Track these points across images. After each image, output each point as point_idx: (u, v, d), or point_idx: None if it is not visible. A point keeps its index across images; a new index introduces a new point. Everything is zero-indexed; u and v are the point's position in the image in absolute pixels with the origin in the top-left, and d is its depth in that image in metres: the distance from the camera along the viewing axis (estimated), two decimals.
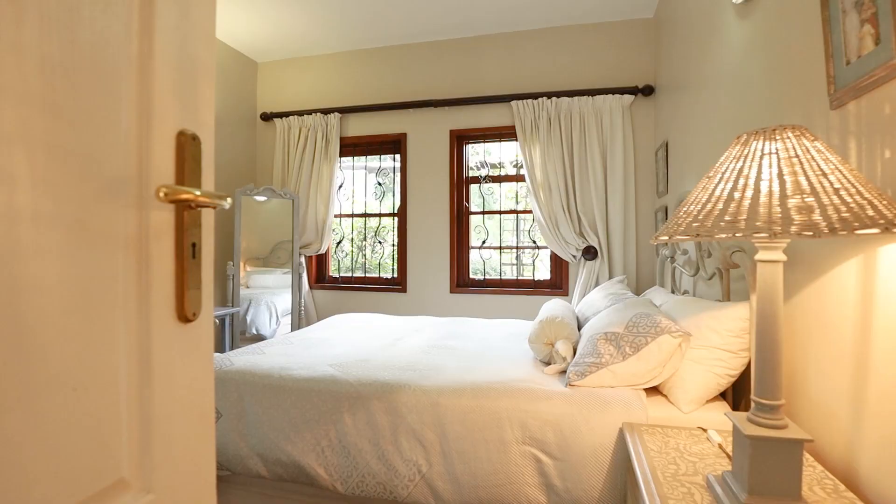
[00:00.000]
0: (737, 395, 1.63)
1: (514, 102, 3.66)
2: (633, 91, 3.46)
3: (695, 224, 0.79)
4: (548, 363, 1.87)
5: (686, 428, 1.30)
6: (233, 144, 4.16)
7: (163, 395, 0.61)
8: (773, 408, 0.86)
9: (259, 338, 4.02)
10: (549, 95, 3.59)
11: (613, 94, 3.49)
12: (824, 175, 0.73)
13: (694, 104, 2.41)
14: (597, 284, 3.52)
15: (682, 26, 2.64)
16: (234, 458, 1.67)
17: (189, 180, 0.65)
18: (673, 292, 2.49)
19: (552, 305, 2.23)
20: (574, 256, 3.59)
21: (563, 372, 1.73)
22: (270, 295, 4.08)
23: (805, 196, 0.72)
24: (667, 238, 0.85)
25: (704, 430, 1.27)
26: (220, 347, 3.95)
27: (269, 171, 4.38)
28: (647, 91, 3.45)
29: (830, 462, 1.08)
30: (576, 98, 3.55)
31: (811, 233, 0.68)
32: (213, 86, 0.71)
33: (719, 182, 0.81)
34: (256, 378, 1.73)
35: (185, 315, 0.64)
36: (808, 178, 0.74)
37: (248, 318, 4.05)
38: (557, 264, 3.76)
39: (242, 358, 1.94)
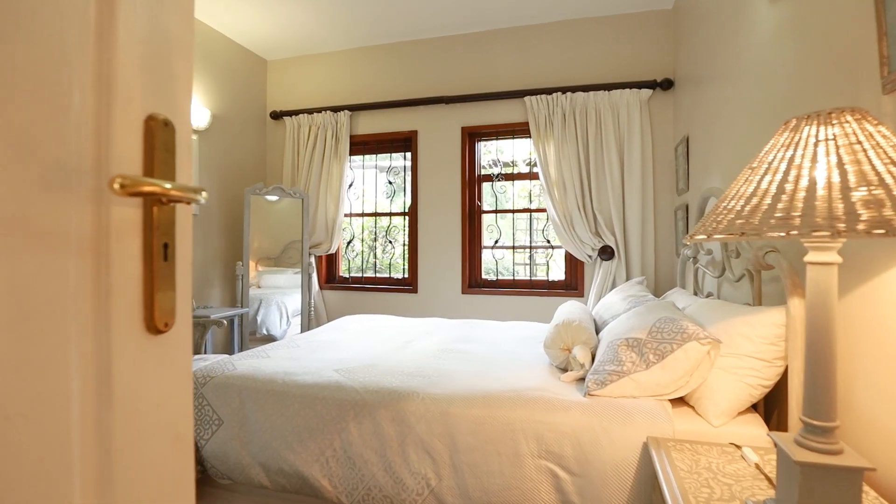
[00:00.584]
0: (769, 406, 1.52)
1: (527, 98, 3.55)
2: (651, 85, 3.33)
3: (738, 221, 0.69)
4: (564, 370, 1.77)
5: (717, 444, 1.19)
6: (243, 143, 4.12)
7: (127, 418, 0.53)
8: (826, 430, 0.75)
9: (269, 338, 3.98)
10: (563, 90, 3.48)
11: (630, 88, 3.37)
12: (894, 164, 0.63)
13: (717, 96, 2.29)
14: (613, 285, 3.41)
15: (705, 16, 2.52)
16: (235, 467, 1.60)
17: (160, 171, 0.57)
18: (695, 294, 2.37)
19: (568, 308, 2.12)
20: (590, 256, 3.47)
21: (582, 380, 1.63)
22: (281, 295, 4.04)
23: (873, 188, 0.61)
24: (704, 237, 0.75)
25: (738, 448, 1.16)
26: (228, 349, 3.91)
27: (279, 170, 4.34)
28: (666, 85, 3.33)
29: (886, 489, 0.97)
30: (591, 93, 3.43)
31: (883, 230, 0.58)
32: (191, 67, 0.63)
33: (766, 173, 0.71)
34: (259, 384, 1.65)
35: (154, 325, 0.56)
36: (874, 168, 0.63)
37: (259, 319, 4.01)
38: (572, 264, 3.65)
39: (246, 362, 1.87)
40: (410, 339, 2.36)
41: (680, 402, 1.49)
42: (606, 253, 3.41)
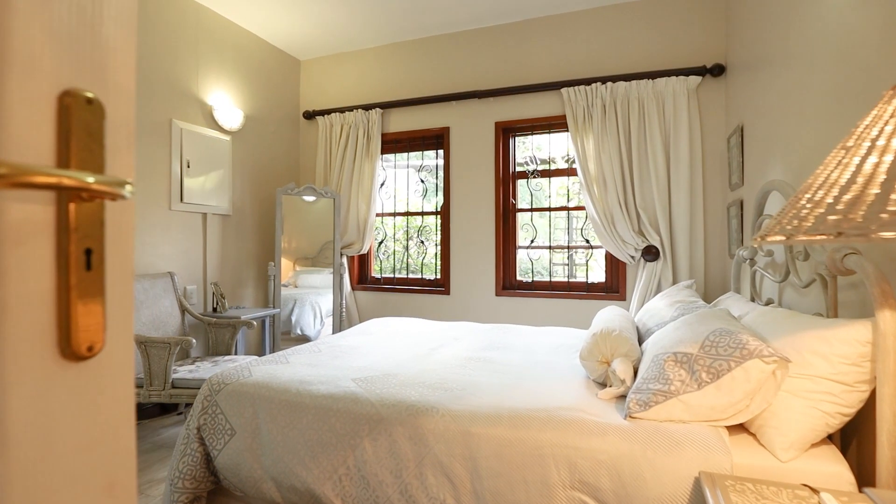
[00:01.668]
0: (846, 436, 1.30)
1: (564, 90, 3.36)
2: (700, 71, 3.07)
3: (832, 218, 0.52)
4: (603, 384, 1.59)
5: (787, 485, 1.00)
6: (276, 144, 4.12)
7: (29, 467, 0.42)
8: None
9: (304, 338, 3.97)
10: (603, 80, 3.27)
11: (677, 75, 3.11)
12: None
13: (780, 79, 2.04)
14: (658, 289, 3.17)
15: None
16: (247, 480, 1.52)
17: (80, 159, 0.46)
18: (752, 300, 2.13)
19: (608, 315, 1.94)
20: (632, 257, 3.24)
21: (622, 398, 1.46)
22: (315, 295, 4.02)
23: None
24: (782, 238, 0.58)
25: (815, 492, 0.96)
26: (260, 349, 3.91)
27: (312, 170, 4.32)
28: (717, 71, 3.06)
29: None
30: (634, 82, 3.20)
31: None
32: (133, 35, 0.52)
33: (869, 153, 0.53)
34: (273, 392, 1.57)
35: (73, 350, 0.45)
36: None
37: (294, 319, 4.01)
38: (614, 266, 3.43)
39: (263, 368, 1.79)
40: (436, 346, 2.23)
41: (739, 429, 1.28)
42: (651, 253, 3.17)
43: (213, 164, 3.49)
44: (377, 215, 4.12)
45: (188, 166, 3.28)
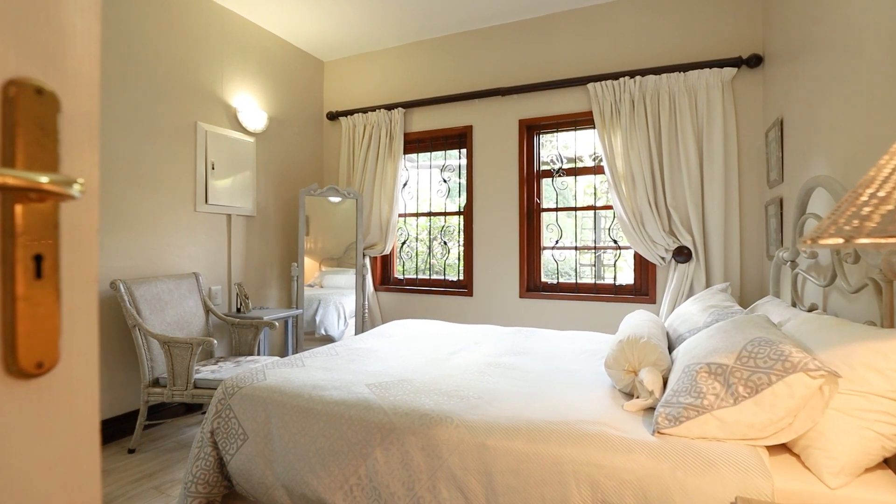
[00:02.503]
0: None
1: (590, 85, 3.24)
2: (736, 63, 2.91)
3: None
4: (629, 395, 1.50)
5: None
6: (301, 145, 4.13)
7: None
8: None
9: (328, 339, 3.97)
10: (631, 74, 3.14)
11: (710, 67, 2.96)
12: None
13: (822, 69, 1.90)
14: (691, 292, 3.02)
15: None
16: (259, 487, 1.49)
17: (28, 157, 0.41)
18: (794, 306, 1.98)
19: (636, 320, 1.83)
20: (663, 258, 3.10)
21: (650, 410, 1.36)
22: (339, 296, 4.02)
23: None
24: (839, 241, 0.49)
25: None
26: (282, 351, 3.93)
27: (336, 171, 4.31)
28: (754, 61, 2.89)
29: None
30: (664, 75, 3.06)
31: None
32: (97, 21, 0.48)
33: None
34: (285, 397, 1.53)
35: (20, 366, 0.41)
36: None
37: (318, 319, 4.01)
38: (643, 267, 3.29)
39: (278, 371, 1.77)
40: (455, 350, 2.16)
41: (780, 449, 1.17)
42: (682, 255, 3.03)
43: (238, 166, 3.52)
44: (400, 216, 4.09)
45: (213, 168, 3.31)
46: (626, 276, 3.45)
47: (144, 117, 2.88)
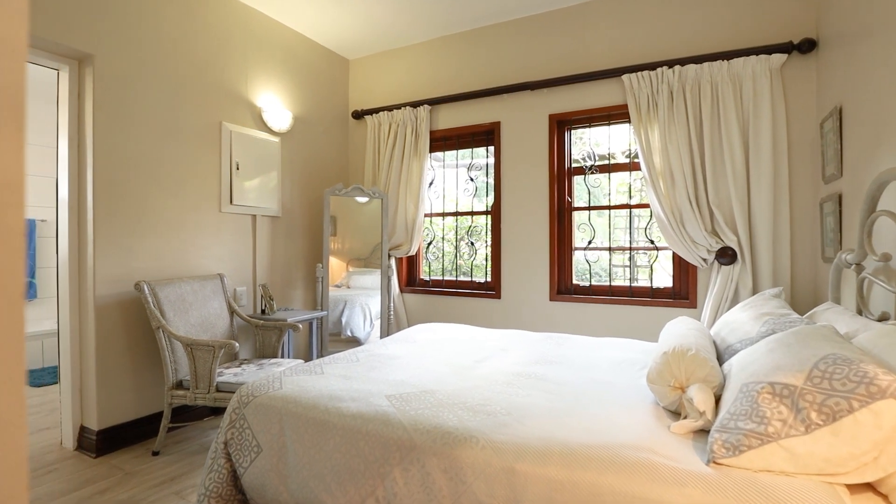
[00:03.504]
0: None
1: (625, 76, 3.07)
2: (786, 48, 2.69)
3: None
4: (676, 413, 1.35)
5: None
6: (326, 145, 4.09)
7: None
8: None
9: (353, 340, 3.92)
10: (670, 64, 2.95)
11: (757, 54, 2.75)
12: None
13: (889, 51, 1.69)
14: (736, 296, 2.82)
15: None
16: (272, 503, 1.41)
17: None
18: (860, 314, 1.78)
19: (680, 328, 1.67)
20: (704, 260, 2.91)
21: (703, 433, 1.21)
22: (366, 296, 3.97)
23: None
24: None
25: None
26: (307, 352, 3.88)
27: (361, 171, 4.25)
28: (806, 46, 2.66)
29: None
30: (706, 64, 2.86)
31: None
32: None
33: None
34: (300, 408, 1.45)
35: None
36: None
37: (344, 320, 3.97)
38: (683, 269, 3.10)
39: (295, 379, 1.68)
40: (482, 358, 2.04)
41: (864, 488, 1.00)
42: (726, 256, 2.83)
43: (263, 166, 3.49)
44: (426, 215, 3.99)
45: (238, 168, 3.28)
46: (664, 279, 3.26)
47: (169, 118, 2.87)
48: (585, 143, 3.48)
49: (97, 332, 2.55)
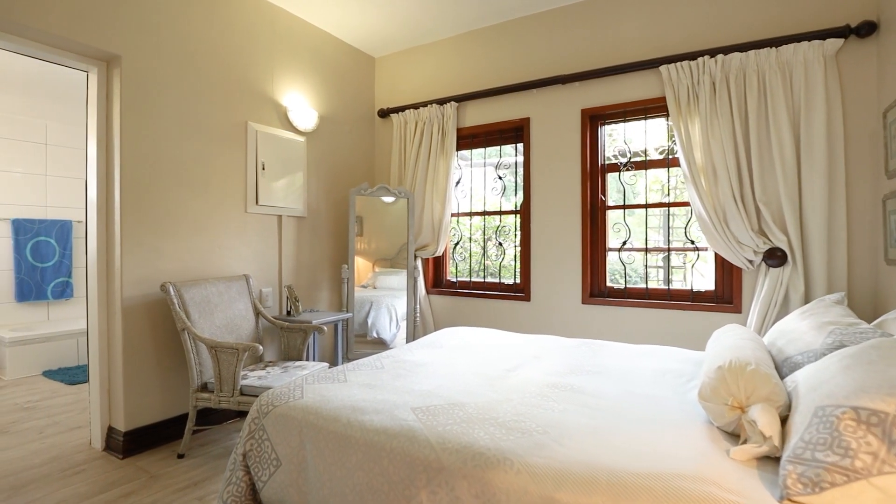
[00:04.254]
0: None
1: (663, 67, 2.90)
2: (842, 32, 2.48)
3: None
4: (733, 435, 1.21)
5: None
6: (352, 144, 4.04)
7: None
8: None
9: (379, 342, 3.86)
10: (712, 53, 2.78)
11: (809, 40, 2.55)
12: None
13: None
14: (786, 300, 2.63)
15: None
16: None
17: None
18: None
19: (733, 338, 1.52)
20: (750, 262, 2.72)
21: (769, 460, 1.07)
22: (392, 298, 3.91)
23: None
24: None
25: None
26: (332, 354, 3.83)
27: (387, 170, 4.18)
28: (865, 30, 2.45)
29: None
30: (751, 52, 2.68)
31: None
32: None
33: None
34: (321, 420, 1.37)
35: None
36: None
37: (370, 322, 3.91)
38: (726, 271, 2.91)
39: (316, 388, 1.61)
40: (513, 366, 1.92)
41: None
42: (775, 258, 2.63)
43: (288, 166, 3.45)
44: (452, 215, 3.89)
45: (263, 168, 3.25)
46: (704, 281, 3.08)
47: (195, 118, 2.85)
48: (615, 139, 3.31)
49: (124, 333, 2.54)
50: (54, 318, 4.72)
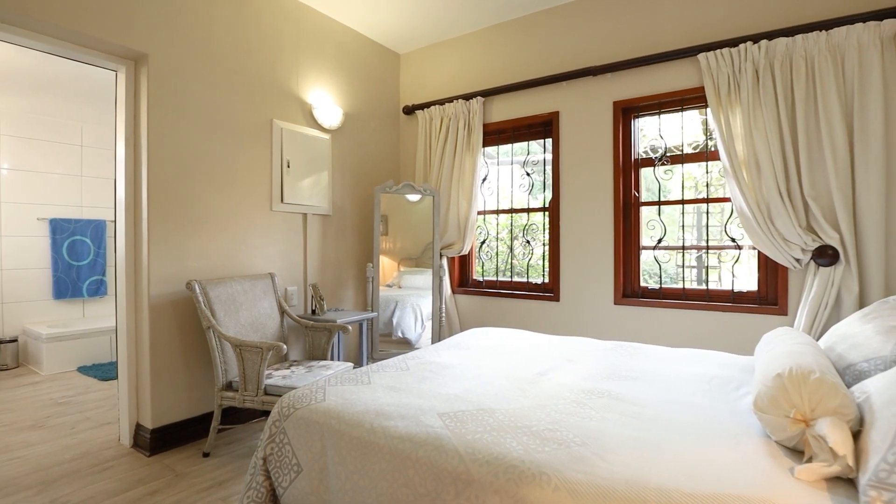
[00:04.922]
0: None
1: (701, 55, 2.75)
2: None
3: None
4: (795, 450, 1.09)
5: None
6: (377, 141, 3.99)
7: None
8: None
9: (404, 342, 3.81)
10: (755, 39, 2.61)
11: (864, 21, 2.36)
12: None
13: None
14: (838, 302, 2.45)
15: None
16: None
17: None
18: None
19: (788, 343, 1.39)
20: (798, 261, 2.55)
21: (846, 480, 0.95)
22: (417, 297, 3.85)
23: None
24: None
25: None
26: (357, 354, 3.80)
27: (412, 167, 4.12)
28: None
29: None
30: (798, 37, 2.50)
31: None
32: None
33: None
34: (343, 425, 1.30)
35: None
36: None
37: (394, 321, 3.86)
38: (771, 270, 2.74)
39: (339, 389, 1.55)
40: (545, 370, 1.82)
41: None
42: (826, 256, 2.46)
43: (314, 164, 3.43)
44: (479, 213, 3.80)
45: (288, 166, 3.23)
46: (743, 282, 2.91)
47: (221, 116, 2.85)
48: (646, 135, 3.17)
49: (151, 331, 2.55)
50: (89, 315, 4.84)
